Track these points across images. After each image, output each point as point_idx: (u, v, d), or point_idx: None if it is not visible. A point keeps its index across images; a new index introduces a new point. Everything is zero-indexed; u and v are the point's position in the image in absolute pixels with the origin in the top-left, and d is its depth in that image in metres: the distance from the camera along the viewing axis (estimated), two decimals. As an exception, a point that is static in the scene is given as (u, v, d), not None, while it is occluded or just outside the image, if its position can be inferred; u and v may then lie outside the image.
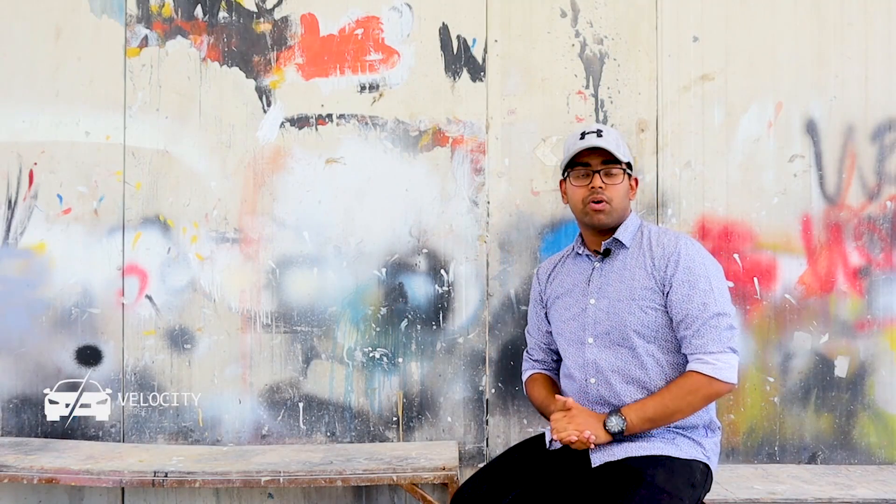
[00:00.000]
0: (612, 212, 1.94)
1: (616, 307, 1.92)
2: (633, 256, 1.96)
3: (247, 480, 2.23)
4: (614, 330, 1.91)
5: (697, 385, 1.81)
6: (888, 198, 2.58)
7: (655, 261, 1.91)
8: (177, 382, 2.65)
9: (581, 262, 2.05)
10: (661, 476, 1.77)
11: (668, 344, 1.91)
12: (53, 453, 2.43)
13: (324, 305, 2.64)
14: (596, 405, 1.93)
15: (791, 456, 2.58)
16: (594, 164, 1.94)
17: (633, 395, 1.89)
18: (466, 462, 2.60)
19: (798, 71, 2.60)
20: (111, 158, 2.66)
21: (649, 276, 1.91)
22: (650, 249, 1.94)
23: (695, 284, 1.86)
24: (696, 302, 1.84)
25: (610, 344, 1.92)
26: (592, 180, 1.94)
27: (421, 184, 2.63)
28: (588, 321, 1.96)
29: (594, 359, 1.94)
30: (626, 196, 1.98)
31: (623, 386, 1.90)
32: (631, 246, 1.97)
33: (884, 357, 2.57)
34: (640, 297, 1.90)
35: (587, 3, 2.63)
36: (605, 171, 1.94)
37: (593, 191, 1.93)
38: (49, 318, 2.66)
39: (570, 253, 2.11)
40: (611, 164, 1.94)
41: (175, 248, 2.65)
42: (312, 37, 2.66)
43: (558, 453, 1.94)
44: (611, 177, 1.94)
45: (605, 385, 1.92)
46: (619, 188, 1.95)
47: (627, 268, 1.94)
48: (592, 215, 1.95)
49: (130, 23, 2.67)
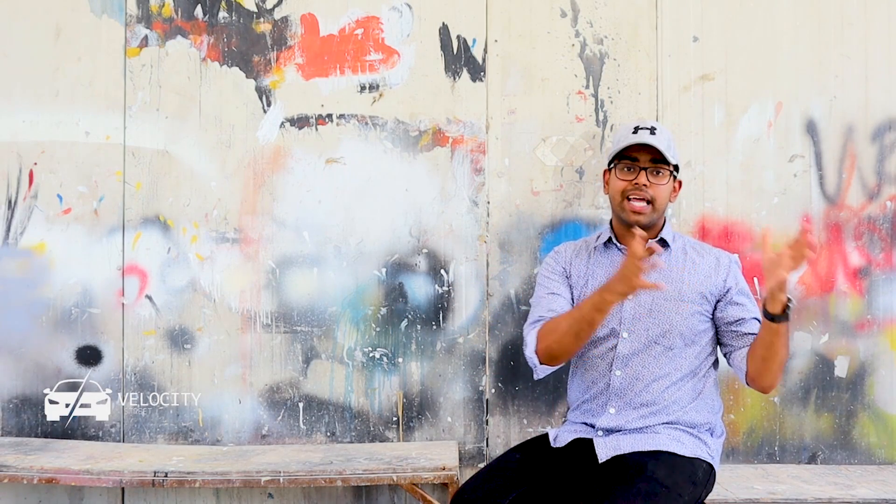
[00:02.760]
0: (653, 213, 1.93)
1: (661, 306, 1.92)
2: (679, 259, 1.96)
3: (247, 480, 2.23)
4: (655, 327, 1.92)
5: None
6: (888, 198, 2.58)
7: (710, 268, 1.95)
8: (177, 382, 2.65)
9: (613, 255, 2.01)
10: (662, 470, 1.78)
11: (700, 349, 1.94)
12: (53, 453, 2.43)
13: (324, 305, 2.64)
14: (615, 397, 1.94)
15: (791, 456, 2.58)
16: (642, 160, 1.93)
17: (655, 391, 1.91)
18: (466, 462, 2.60)
19: (798, 71, 2.60)
20: (111, 158, 2.66)
21: (702, 281, 1.93)
22: (700, 257, 1.97)
23: (749, 297, 1.96)
24: (752, 313, 1.93)
25: (647, 341, 1.92)
26: (637, 176, 1.92)
27: (421, 184, 2.63)
28: (626, 316, 1.94)
29: (626, 353, 1.93)
30: (668, 198, 1.97)
31: (648, 383, 1.92)
32: (674, 249, 1.98)
33: (884, 357, 2.57)
34: (690, 300, 1.92)
35: (587, 3, 2.62)
36: (652, 169, 1.92)
37: (636, 187, 1.91)
38: (49, 318, 2.65)
39: (596, 244, 2.05)
40: (660, 163, 1.92)
41: (175, 248, 2.65)
42: (312, 37, 2.66)
43: (562, 452, 1.95)
44: (657, 176, 1.93)
45: (632, 379, 1.93)
46: (663, 189, 1.94)
47: (673, 269, 1.94)
48: (629, 214, 1.92)
49: (130, 23, 2.67)
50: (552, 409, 2.61)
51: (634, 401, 1.92)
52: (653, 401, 1.92)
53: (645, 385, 1.92)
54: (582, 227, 2.59)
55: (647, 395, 1.92)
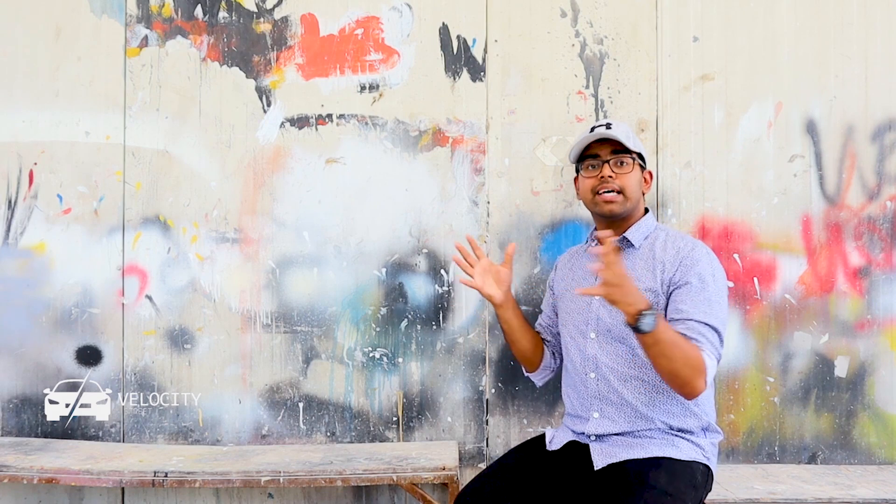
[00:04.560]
0: (625, 202, 1.93)
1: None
2: (642, 258, 1.94)
3: (247, 480, 2.24)
4: (615, 327, 1.91)
5: (696, 362, 1.72)
6: (888, 198, 2.58)
7: (666, 263, 1.87)
8: (177, 382, 2.65)
9: (592, 256, 2.05)
10: (664, 478, 1.76)
11: None
12: (53, 453, 2.43)
13: (324, 305, 2.64)
14: (594, 400, 1.93)
15: (791, 456, 2.58)
16: (603, 154, 1.95)
17: (631, 391, 1.89)
18: (466, 462, 2.60)
19: (798, 71, 2.60)
20: (111, 158, 2.66)
21: (654, 278, 1.88)
22: (663, 251, 1.90)
23: (702, 293, 1.81)
24: (701, 309, 1.79)
25: (611, 340, 1.92)
26: (602, 170, 1.94)
27: (421, 184, 2.63)
28: (591, 316, 1.96)
29: (594, 354, 1.94)
30: (639, 186, 1.97)
31: (621, 383, 1.90)
32: (641, 247, 1.95)
33: (884, 357, 2.57)
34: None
35: (587, 3, 2.63)
36: (615, 160, 1.94)
37: (603, 180, 1.93)
38: (49, 318, 2.66)
39: (586, 246, 2.13)
40: (621, 153, 1.94)
41: (175, 248, 2.65)
42: (312, 37, 2.66)
43: (559, 455, 1.95)
44: (621, 166, 1.94)
45: (604, 381, 1.92)
46: (630, 177, 1.94)
47: (634, 268, 1.93)
48: (602, 205, 1.94)
49: (130, 23, 2.67)
50: (552, 409, 2.61)
51: (615, 402, 1.90)
52: (634, 401, 1.88)
53: (618, 386, 1.90)
54: (582, 227, 2.59)
55: (626, 395, 1.89)
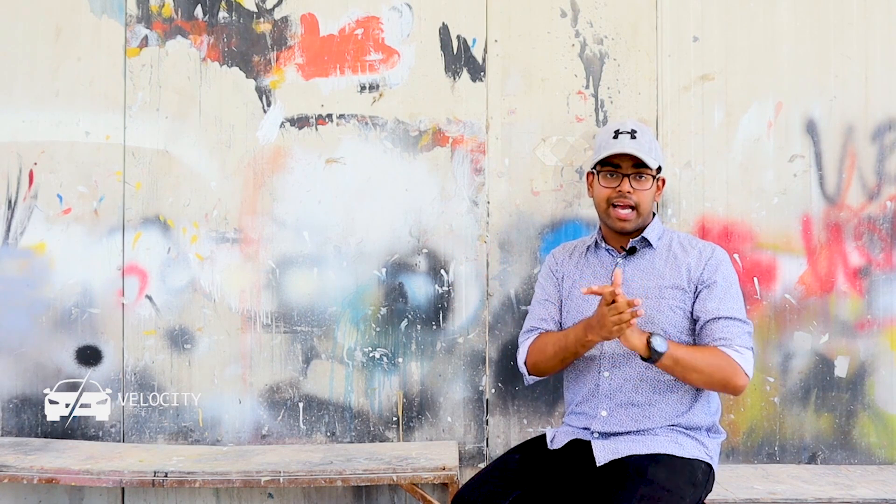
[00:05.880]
0: (638, 217, 1.95)
1: (643, 304, 1.91)
2: (662, 257, 1.97)
3: (247, 480, 2.23)
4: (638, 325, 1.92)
5: (725, 362, 1.83)
6: (888, 198, 2.58)
7: (692, 265, 1.93)
8: (177, 382, 2.65)
9: (602, 256, 2.04)
10: (663, 473, 1.77)
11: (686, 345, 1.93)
12: (53, 453, 2.43)
13: (324, 305, 2.64)
14: (605, 398, 1.94)
15: (791, 456, 2.58)
16: (625, 167, 1.94)
17: (645, 391, 1.91)
18: (466, 462, 2.60)
19: (798, 71, 2.60)
20: (111, 158, 2.66)
21: (682, 277, 1.92)
22: (685, 253, 1.96)
23: (728, 291, 1.91)
24: (727, 306, 1.89)
25: None
26: (621, 184, 1.94)
27: (421, 184, 2.63)
28: None
29: (613, 353, 1.94)
30: (653, 199, 1.99)
31: (637, 382, 1.91)
32: (658, 247, 1.98)
33: (884, 357, 2.57)
34: (671, 296, 1.92)
35: (587, 3, 2.62)
36: (635, 174, 1.93)
37: (620, 194, 1.93)
38: (49, 318, 2.65)
39: (590, 244, 2.09)
40: (642, 167, 1.93)
41: (175, 248, 2.65)
42: (312, 37, 2.66)
43: (560, 453, 1.95)
44: (640, 181, 1.94)
45: (620, 380, 1.93)
46: (647, 193, 1.95)
47: (656, 267, 1.95)
48: (615, 221, 1.95)
49: (130, 23, 2.67)
50: (552, 409, 2.61)
51: (625, 402, 1.92)
52: (644, 402, 1.91)
53: (634, 385, 1.92)
54: (582, 226, 2.59)
55: (637, 396, 1.91)
